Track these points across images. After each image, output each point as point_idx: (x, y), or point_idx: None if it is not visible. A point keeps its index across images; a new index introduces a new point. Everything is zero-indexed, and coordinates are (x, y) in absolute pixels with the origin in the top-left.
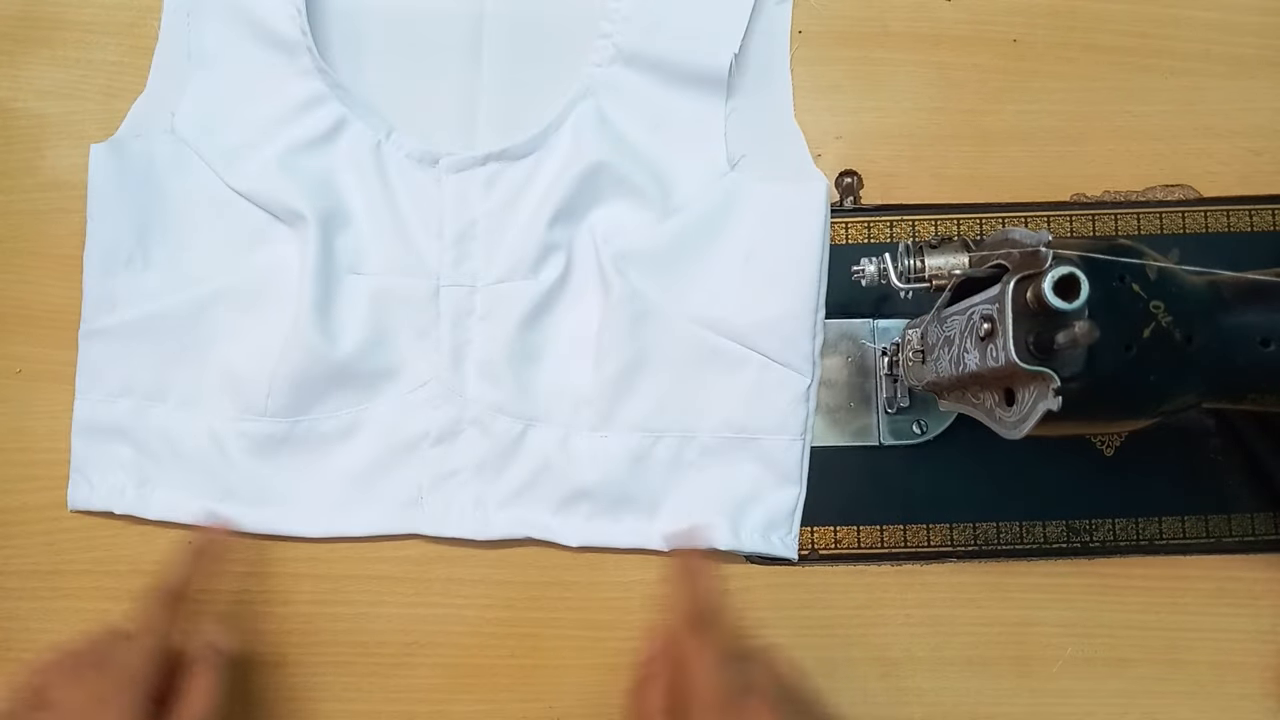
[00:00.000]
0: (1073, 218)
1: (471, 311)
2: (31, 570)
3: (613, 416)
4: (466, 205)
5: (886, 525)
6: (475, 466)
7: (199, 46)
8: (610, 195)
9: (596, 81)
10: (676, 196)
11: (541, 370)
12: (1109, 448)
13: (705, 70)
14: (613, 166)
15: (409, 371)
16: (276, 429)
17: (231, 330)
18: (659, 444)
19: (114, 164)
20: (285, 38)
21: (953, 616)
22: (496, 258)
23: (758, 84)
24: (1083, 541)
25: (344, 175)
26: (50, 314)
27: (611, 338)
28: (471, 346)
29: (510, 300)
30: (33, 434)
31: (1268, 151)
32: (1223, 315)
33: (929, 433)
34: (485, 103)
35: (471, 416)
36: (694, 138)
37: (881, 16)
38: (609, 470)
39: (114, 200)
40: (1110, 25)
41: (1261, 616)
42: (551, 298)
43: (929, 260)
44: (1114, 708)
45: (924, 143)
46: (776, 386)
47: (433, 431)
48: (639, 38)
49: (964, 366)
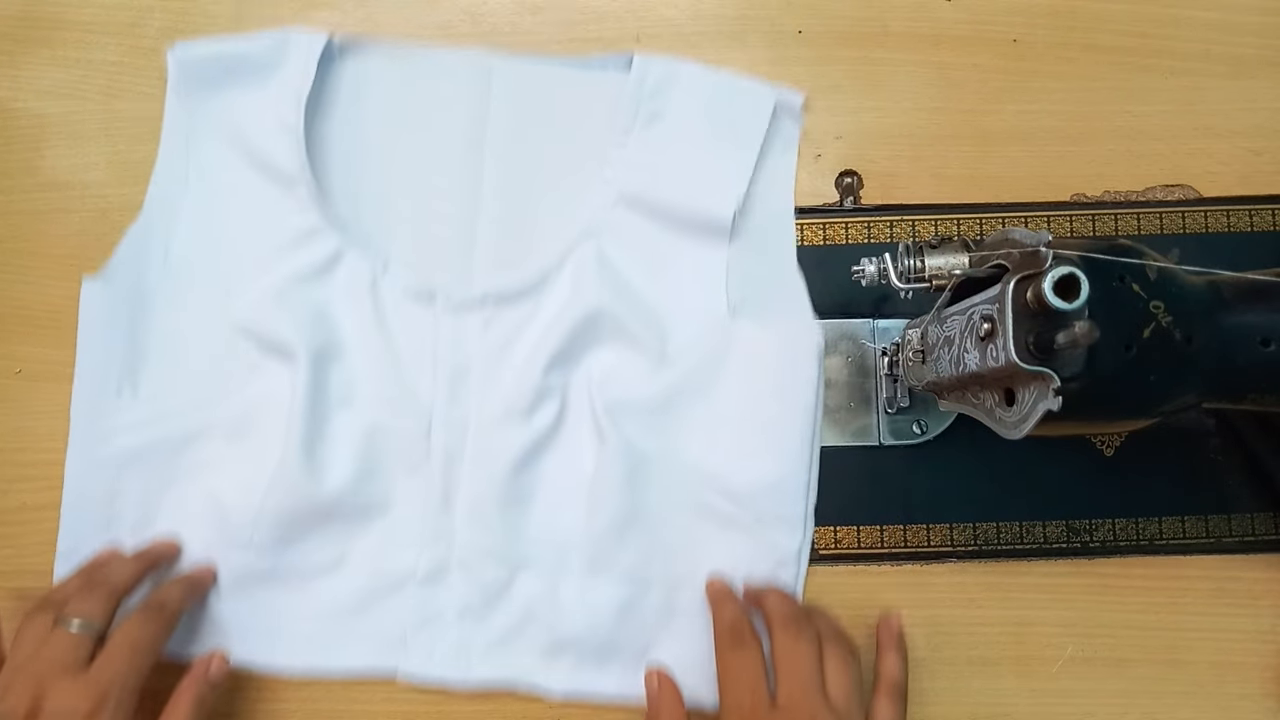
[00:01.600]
0: (1073, 218)
1: (463, 452)
2: (31, 570)
3: (602, 566)
4: (462, 345)
5: (886, 525)
6: (460, 610)
7: (196, 174)
8: (607, 341)
9: (598, 223)
10: (674, 343)
11: (531, 515)
12: (1109, 448)
13: (708, 218)
14: (611, 313)
15: (398, 509)
16: (261, 562)
17: (219, 462)
18: (649, 593)
19: (105, 295)
20: (284, 170)
21: (953, 616)
22: (491, 400)
23: (761, 230)
24: (1083, 541)
25: (339, 308)
26: (50, 314)
27: (604, 489)
28: (462, 488)
29: (503, 443)
30: (33, 434)
31: (1268, 151)
32: (1223, 315)
33: (929, 433)
34: (484, 239)
35: (459, 559)
36: (694, 283)
37: (881, 16)
38: (597, 620)
39: (104, 331)
40: (1110, 25)
41: (1261, 616)
42: (544, 442)
43: (929, 260)
44: (1114, 708)
45: (924, 143)
46: (768, 546)
47: (419, 571)
48: (643, 182)
49: (964, 366)
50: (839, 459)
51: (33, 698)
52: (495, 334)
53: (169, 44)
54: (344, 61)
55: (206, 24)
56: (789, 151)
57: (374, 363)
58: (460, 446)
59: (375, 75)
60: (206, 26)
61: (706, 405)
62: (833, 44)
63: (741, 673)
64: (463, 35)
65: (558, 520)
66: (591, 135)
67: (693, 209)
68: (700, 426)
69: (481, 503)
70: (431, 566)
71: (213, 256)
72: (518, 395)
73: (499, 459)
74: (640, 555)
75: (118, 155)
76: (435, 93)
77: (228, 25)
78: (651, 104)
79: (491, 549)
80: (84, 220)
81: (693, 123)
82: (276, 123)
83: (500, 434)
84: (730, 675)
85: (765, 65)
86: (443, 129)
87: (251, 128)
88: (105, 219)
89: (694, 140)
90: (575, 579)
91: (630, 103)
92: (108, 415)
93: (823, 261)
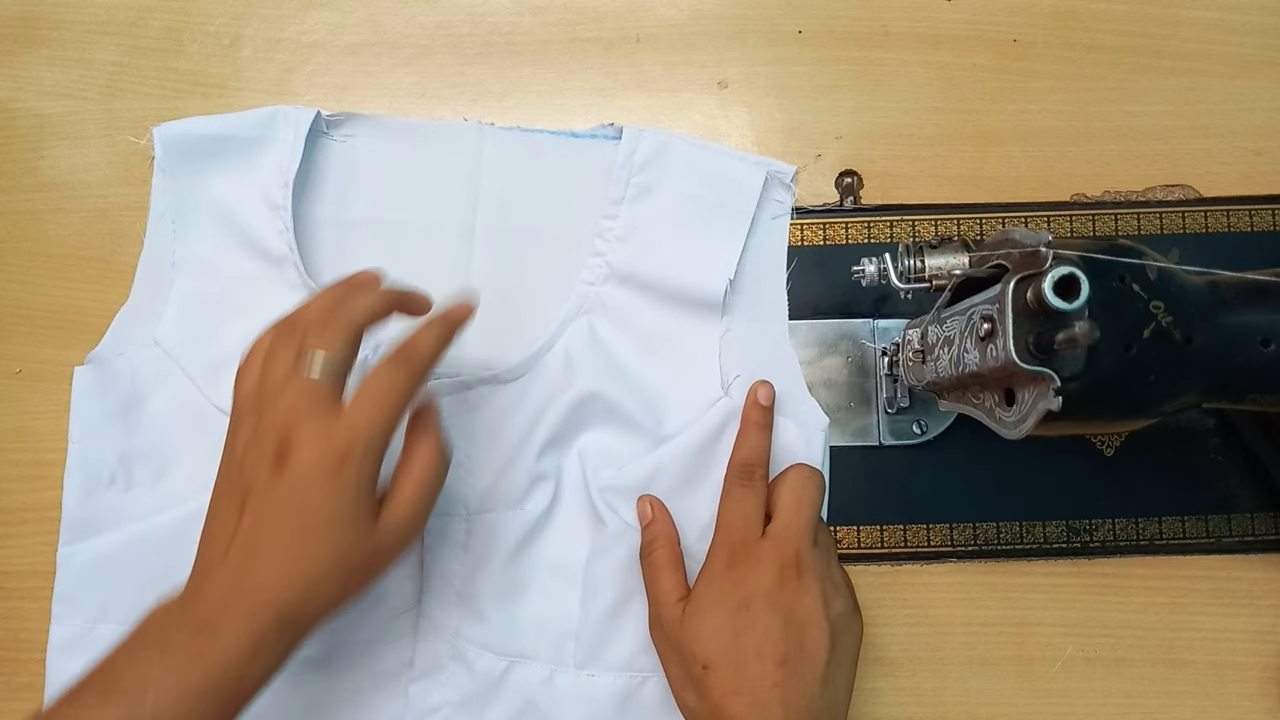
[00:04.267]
0: (1073, 218)
1: (456, 541)
2: (31, 570)
3: (600, 654)
4: (453, 429)
5: (886, 525)
6: (458, 703)
7: (184, 255)
8: (601, 421)
9: (589, 300)
10: (669, 423)
11: (526, 603)
12: (1109, 448)
13: (700, 293)
14: (604, 394)
15: (391, 598)
16: None
17: None
18: (647, 684)
19: (96, 384)
20: (272, 251)
21: (953, 616)
22: (482, 486)
23: (753, 302)
24: (1083, 541)
25: None
26: (50, 314)
27: (600, 574)
28: (455, 577)
29: (496, 531)
30: (33, 434)
31: (1268, 151)
32: (1223, 315)
33: (929, 433)
34: (474, 317)
35: (454, 651)
36: (688, 359)
37: (881, 16)
38: (595, 710)
39: (96, 420)
40: (1110, 25)
41: (1261, 616)
42: (538, 528)
43: (929, 260)
44: (1114, 708)
45: (924, 143)
46: None
47: (415, 665)
48: (633, 258)
49: (964, 366)
50: (839, 459)
51: (279, 440)
52: (487, 417)
53: (155, 125)
54: (332, 137)
55: (206, 23)
56: (780, 220)
57: None
58: (453, 535)
59: (363, 151)
60: (206, 26)
61: (704, 485)
62: (833, 44)
63: (742, 504)
64: (462, 35)
65: (553, 606)
66: (582, 208)
67: (684, 284)
68: (696, 507)
69: (475, 594)
70: (426, 660)
71: (202, 339)
72: (511, 482)
73: (493, 548)
74: (639, 642)
75: (118, 155)
76: (425, 167)
77: (227, 25)
78: (641, 177)
79: (486, 641)
80: (84, 220)
81: (683, 197)
82: (264, 202)
83: (493, 522)
84: (730, 505)
85: (765, 65)
86: (432, 204)
87: (239, 207)
88: (105, 219)
89: (684, 215)
90: (573, 669)
91: (621, 173)
92: (101, 506)
93: (823, 261)
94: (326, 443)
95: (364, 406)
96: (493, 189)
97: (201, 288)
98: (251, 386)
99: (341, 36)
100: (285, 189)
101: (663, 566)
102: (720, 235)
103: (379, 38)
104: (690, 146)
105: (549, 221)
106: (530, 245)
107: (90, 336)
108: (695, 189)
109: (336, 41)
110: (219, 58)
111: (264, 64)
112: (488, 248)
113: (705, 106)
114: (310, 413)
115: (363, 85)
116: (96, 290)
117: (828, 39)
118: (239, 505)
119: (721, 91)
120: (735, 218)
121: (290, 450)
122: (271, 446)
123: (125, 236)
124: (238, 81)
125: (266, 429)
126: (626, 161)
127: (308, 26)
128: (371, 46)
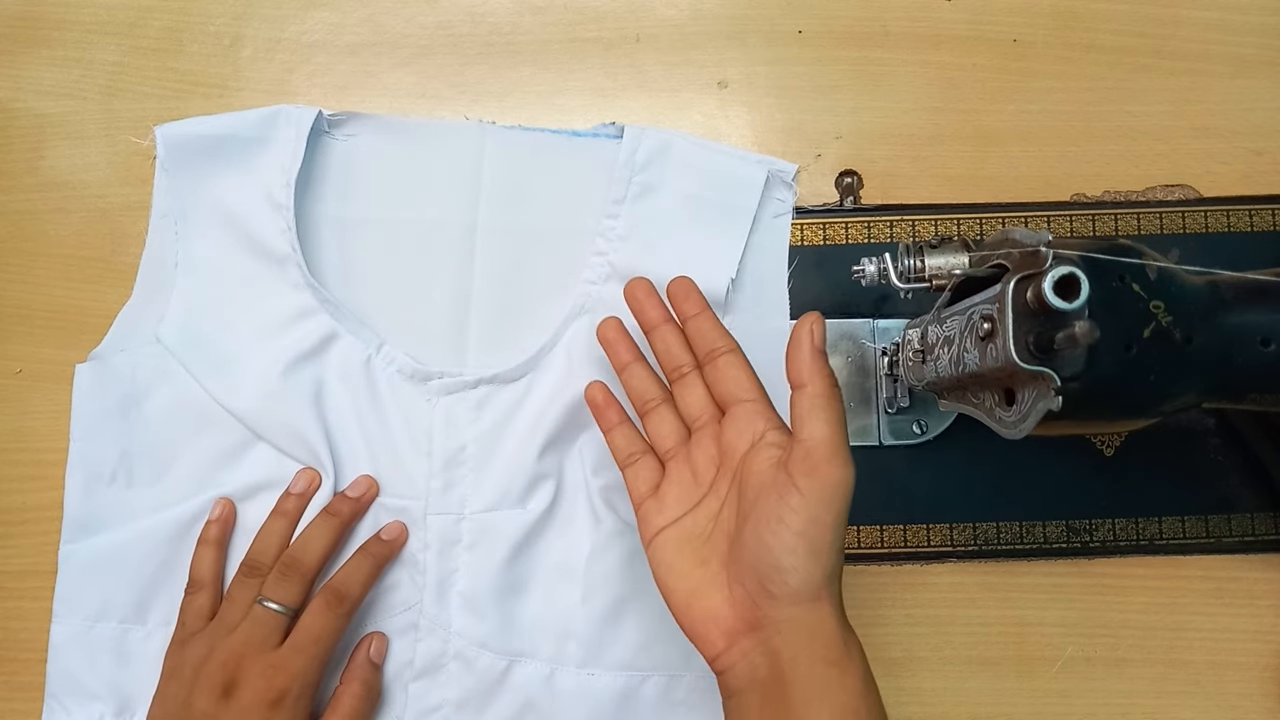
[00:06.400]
0: (1073, 218)
1: (458, 540)
2: (31, 570)
3: (600, 653)
4: (456, 429)
5: (886, 525)
6: (458, 703)
7: (186, 255)
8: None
9: (591, 299)
10: None
11: (527, 602)
12: (1109, 448)
13: (702, 291)
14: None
15: (392, 597)
16: None
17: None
18: (647, 683)
19: (97, 381)
20: (274, 251)
21: (953, 616)
22: (485, 485)
23: (755, 300)
24: (1083, 541)
25: (333, 389)
26: (50, 314)
27: (600, 573)
28: (457, 576)
29: (498, 530)
30: (33, 434)
31: (1268, 151)
32: (1223, 315)
33: (929, 433)
34: (477, 317)
35: (455, 650)
36: None
37: (881, 16)
38: (596, 709)
39: (97, 418)
40: (1110, 25)
41: (1261, 616)
42: (540, 527)
43: (929, 260)
44: (1114, 708)
45: (924, 143)
46: None
47: (415, 664)
48: (635, 256)
49: (964, 366)
50: None
51: (227, 676)
52: (489, 416)
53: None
54: (333, 136)
55: (206, 23)
56: (782, 218)
57: (369, 445)
58: (455, 534)
59: (365, 150)
60: (206, 26)
61: None
62: (833, 44)
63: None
64: (462, 35)
65: (553, 605)
66: (584, 207)
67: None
68: None
69: (477, 593)
70: (427, 659)
71: (204, 339)
72: (513, 481)
73: (495, 547)
74: (638, 641)
75: (118, 155)
76: (427, 166)
77: (228, 25)
78: (643, 176)
79: (487, 640)
80: (84, 220)
81: (685, 196)
82: (266, 202)
83: (495, 521)
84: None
85: (765, 65)
86: (435, 204)
87: (241, 208)
88: (105, 219)
89: (686, 214)
90: (573, 668)
91: (623, 173)
92: (102, 504)
93: (823, 261)
94: (268, 681)
95: (301, 648)
96: (495, 188)
97: (204, 286)
98: (221, 613)
99: (342, 36)
100: (287, 188)
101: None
102: (722, 234)
103: (379, 38)
104: (692, 145)
105: (551, 220)
106: (532, 244)
107: (90, 336)
108: (697, 188)
109: (337, 41)
110: (219, 58)
111: (264, 64)
112: (489, 247)
113: (705, 106)
114: (258, 653)
115: (363, 85)
116: (96, 290)
117: (828, 39)
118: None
119: (721, 91)
120: (737, 216)
121: (236, 685)
122: (220, 679)
123: (125, 236)
124: (238, 81)
125: (216, 664)
126: (628, 160)
127: (308, 26)
128: (372, 46)
